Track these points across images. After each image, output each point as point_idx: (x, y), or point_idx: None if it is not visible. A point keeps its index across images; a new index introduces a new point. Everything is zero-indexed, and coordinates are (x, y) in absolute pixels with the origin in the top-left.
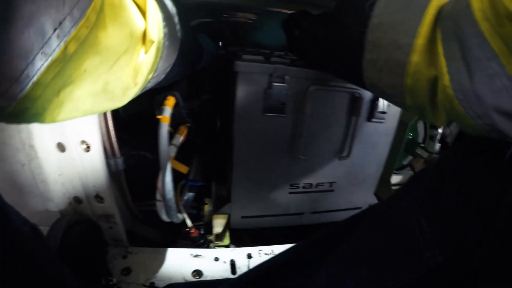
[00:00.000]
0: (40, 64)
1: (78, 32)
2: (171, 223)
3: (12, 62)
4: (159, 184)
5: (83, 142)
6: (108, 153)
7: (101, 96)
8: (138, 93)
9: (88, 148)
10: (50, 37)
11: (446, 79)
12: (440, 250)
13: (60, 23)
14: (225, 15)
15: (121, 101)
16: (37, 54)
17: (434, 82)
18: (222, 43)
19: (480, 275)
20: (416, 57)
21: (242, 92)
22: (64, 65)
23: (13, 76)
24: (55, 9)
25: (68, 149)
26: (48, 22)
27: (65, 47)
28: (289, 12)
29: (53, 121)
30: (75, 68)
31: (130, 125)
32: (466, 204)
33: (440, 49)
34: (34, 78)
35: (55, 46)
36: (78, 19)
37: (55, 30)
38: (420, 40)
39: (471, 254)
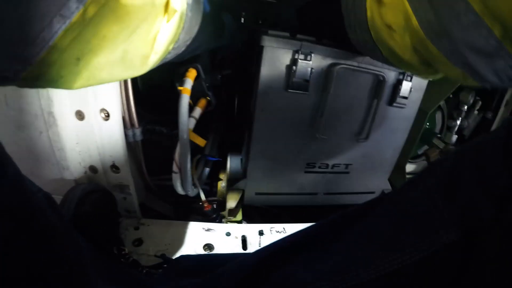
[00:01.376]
0: (58, 27)
1: None
2: (184, 197)
3: (28, 24)
4: (176, 156)
5: (102, 110)
6: (127, 123)
7: (119, 65)
8: (158, 63)
9: (107, 117)
10: None
11: (414, 22)
12: (455, 229)
13: None
14: None
15: (140, 71)
16: (55, 16)
17: (403, 29)
18: (244, 22)
19: (491, 255)
20: (369, 13)
21: (266, 67)
22: (82, 30)
23: (28, 38)
24: None
25: (87, 117)
26: None
27: (84, 10)
28: None
29: (69, 88)
30: (94, 34)
31: (148, 99)
32: (483, 190)
33: None
34: (51, 42)
35: (73, 9)
36: None
37: None
38: None
39: (484, 235)
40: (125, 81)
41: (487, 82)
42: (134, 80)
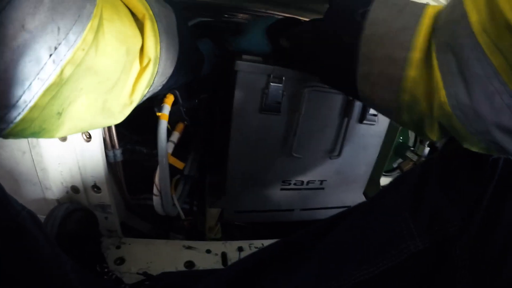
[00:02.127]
0: (37, 89)
1: (74, 55)
2: (164, 216)
3: (9, 90)
4: (156, 179)
5: (84, 132)
6: (108, 144)
7: (99, 115)
8: (133, 107)
9: (88, 138)
10: (45, 63)
11: (442, 95)
12: (421, 239)
13: (56, 48)
14: (225, 15)
15: (118, 119)
16: (34, 80)
17: (431, 97)
18: (220, 44)
19: (459, 261)
20: (413, 72)
21: (240, 90)
22: (60, 88)
23: (10, 102)
24: (50, 36)
25: (69, 139)
26: (43, 49)
27: (61, 71)
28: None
29: (51, 137)
30: (72, 90)
31: (127, 119)
32: (449, 198)
33: (434, 62)
34: (31, 103)
35: (51, 71)
36: (73, 42)
37: (50, 55)
38: (416, 53)
39: (451, 243)
40: None
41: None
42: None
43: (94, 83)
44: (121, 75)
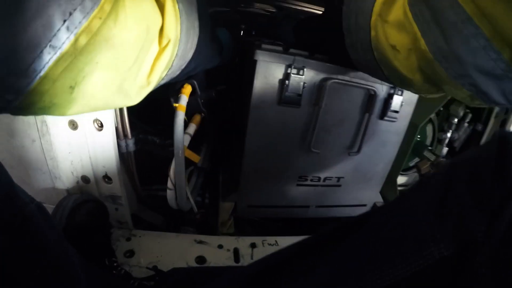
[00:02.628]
0: (48, 58)
1: (90, 24)
2: (177, 209)
3: (19, 56)
4: (171, 173)
5: (95, 120)
6: (120, 134)
7: (115, 94)
8: (151, 90)
9: (100, 127)
10: (59, 30)
11: (422, 43)
12: (446, 244)
13: (70, 14)
14: (242, 5)
15: (134, 100)
16: (45, 47)
17: (397, 47)
18: (238, 34)
19: (482, 269)
20: (373, 33)
21: (259, 81)
22: (74, 59)
23: (19, 69)
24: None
25: (80, 127)
26: (56, 14)
27: (76, 40)
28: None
29: (63, 114)
30: (87, 62)
31: (140, 109)
32: (476, 203)
33: (408, 13)
34: (42, 72)
35: (64, 39)
36: (90, 9)
37: (64, 21)
38: (373, 17)
39: (476, 250)
40: None
41: (495, 103)
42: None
43: (111, 58)
44: (139, 53)
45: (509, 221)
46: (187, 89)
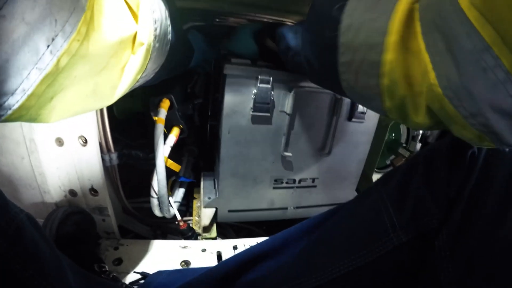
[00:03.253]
0: (35, 79)
1: (70, 46)
2: (161, 218)
3: (9, 79)
4: (154, 182)
5: (80, 137)
6: (104, 148)
7: (90, 98)
8: (126, 92)
9: (85, 143)
10: (43, 53)
11: (432, 77)
12: (404, 231)
13: (53, 39)
14: (217, 20)
15: (110, 100)
16: (32, 69)
17: (412, 80)
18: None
19: (441, 252)
20: (390, 55)
21: (230, 92)
22: (56, 76)
23: (9, 90)
24: (48, 27)
25: (66, 144)
26: (41, 40)
27: (58, 61)
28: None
29: (46, 122)
30: (66, 77)
31: (123, 125)
32: (431, 191)
33: (421, 44)
34: (29, 91)
35: (48, 61)
36: (69, 33)
37: (48, 46)
38: (392, 36)
39: (433, 235)
40: (101, 109)
41: (506, 145)
42: (110, 107)
43: (87, 70)
44: (113, 60)
45: (464, 206)
46: (165, 103)
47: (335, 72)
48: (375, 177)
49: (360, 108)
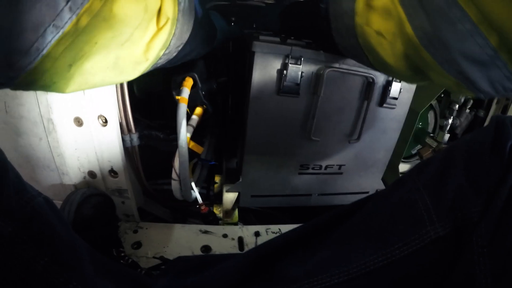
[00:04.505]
0: (51, 37)
1: (92, 5)
2: (181, 201)
3: (23, 35)
4: (175, 164)
5: (100, 116)
6: (124, 129)
7: (111, 71)
8: (148, 69)
9: (105, 123)
10: (62, 10)
11: (408, 28)
12: (442, 224)
13: None
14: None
15: (131, 76)
16: (48, 27)
17: (385, 34)
18: (237, 27)
19: (478, 248)
20: (359, 19)
21: (258, 72)
22: (75, 39)
23: (23, 48)
24: None
25: (85, 124)
26: None
27: (77, 20)
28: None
29: (62, 92)
30: (87, 42)
31: (144, 105)
32: (471, 184)
33: (395, 0)
34: (44, 51)
35: (67, 19)
36: None
37: (67, 2)
38: (360, 3)
39: (471, 230)
40: (122, 88)
41: (481, 92)
42: (131, 87)
43: (109, 38)
44: (137, 32)
45: (505, 200)
46: (189, 82)
47: (332, 38)
48: (401, 167)
49: (392, 93)
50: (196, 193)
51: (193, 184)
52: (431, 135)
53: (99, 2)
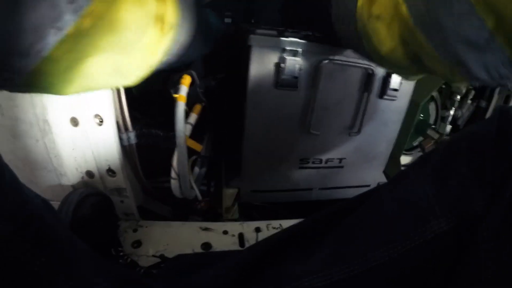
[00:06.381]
0: (52, 40)
1: (95, 7)
2: (182, 199)
3: (23, 37)
4: (174, 162)
5: (96, 116)
6: (121, 127)
7: (112, 75)
8: (149, 74)
9: (101, 122)
10: (64, 12)
11: (403, 8)
12: (445, 219)
13: None
14: None
15: (132, 80)
16: (50, 29)
17: (381, 16)
18: (232, 20)
19: (484, 244)
20: (360, 3)
21: (255, 66)
22: (77, 41)
23: (23, 50)
24: None
25: (81, 124)
26: None
27: (80, 23)
28: None
29: (60, 94)
30: (89, 45)
31: (142, 103)
32: (475, 177)
33: None
34: (45, 54)
35: (69, 21)
36: None
37: (70, 4)
38: None
39: (476, 224)
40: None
41: (476, 78)
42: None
43: (111, 42)
44: (139, 37)
45: (510, 196)
46: (187, 80)
47: (331, 24)
48: (403, 159)
49: (393, 84)
50: (196, 190)
51: (192, 182)
52: (433, 126)
53: (103, 5)
